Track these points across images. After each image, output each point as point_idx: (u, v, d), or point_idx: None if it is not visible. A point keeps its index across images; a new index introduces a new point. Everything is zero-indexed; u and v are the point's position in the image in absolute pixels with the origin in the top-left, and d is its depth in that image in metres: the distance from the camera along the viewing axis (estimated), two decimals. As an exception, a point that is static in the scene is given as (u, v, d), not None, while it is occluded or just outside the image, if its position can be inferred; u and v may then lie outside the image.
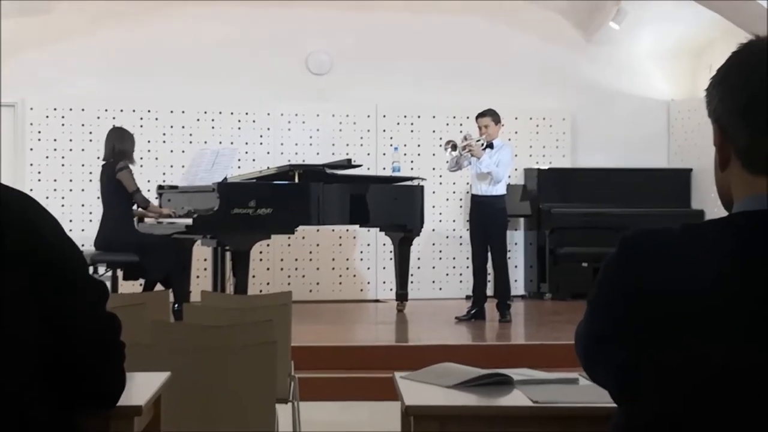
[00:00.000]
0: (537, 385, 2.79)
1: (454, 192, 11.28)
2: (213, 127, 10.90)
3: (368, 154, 11.03)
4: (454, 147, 8.74)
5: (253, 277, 9.52)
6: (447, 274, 11.25)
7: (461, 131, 9.80)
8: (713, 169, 1.73)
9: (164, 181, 10.05)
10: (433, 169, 11.01)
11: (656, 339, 1.55)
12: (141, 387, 2.60)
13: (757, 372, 1.49)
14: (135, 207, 8.65)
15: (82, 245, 7.83)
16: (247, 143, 10.93)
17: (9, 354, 1.92)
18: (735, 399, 1.50)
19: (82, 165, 10.55)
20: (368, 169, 10.51)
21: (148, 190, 9.88)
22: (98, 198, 8.87)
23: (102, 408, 2.21)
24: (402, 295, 9.61)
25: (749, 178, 1.63)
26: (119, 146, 8.56)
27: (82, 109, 10.63)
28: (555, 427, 2.57)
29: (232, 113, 10.95)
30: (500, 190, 8.77)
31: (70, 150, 10.61)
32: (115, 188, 8.47)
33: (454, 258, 11.23)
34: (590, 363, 1.72)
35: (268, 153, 10.97)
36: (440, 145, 10.17)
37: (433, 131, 11.20)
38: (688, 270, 1.56)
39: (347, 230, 10.92)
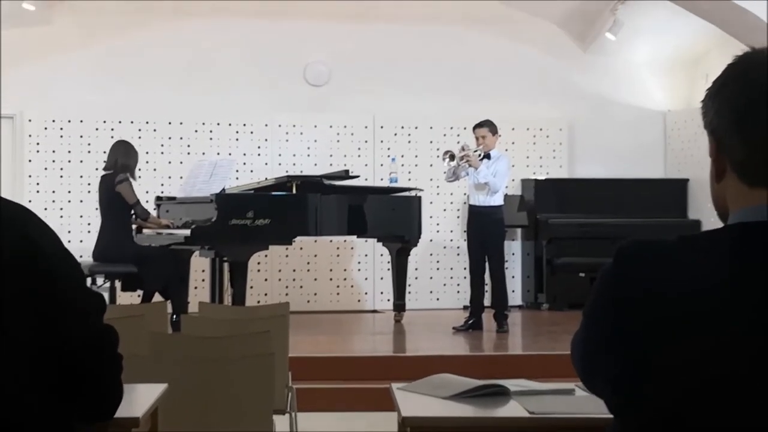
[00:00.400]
0: (533, 396, 2.80)
1: (451, 202, 11.29)
2: (211, 138, 10.91)
3: (366, 165, 11.04)
4: (452, 157, 8.75)
5: (251, 288, 9.52)
6: (444, 285, 11.25)
7: (458, 142, 9.81)
8: (709, 177, 1.74)
9: (162, 192, 10.06)
10: (431, 179, 11.01)
11: (652, 346, 1.55)
12: (138, 398, 2.61)
13: (754, 380, 1.50)
14: (134, 218, 8.66)
15: (81, 256, 7.84)
16: (245, 154, 10.94)
17: (6, 365, 1.93)
18: (732, 406, 1.51)
19: (81, 176, 10.55)
20: (366, 179, 10.52)
21: (147, 201, 9.88)
22: (96, 209, 8.87)
23: (99, 419, 2.21)
24: (399, 306, 9.61)
25: (745, 190, 1.63)
26: (123, 160, 8.57)
27: (81, 121, 10.64)
28: (551, 437, 2.57)
29: (230, 124, 10.96)
30: (498, 200, 8.79)
31: (69, 161, 10.61)
32: (113, 199, 8.47)
33: (451, 268, 11.23)
34: (587, 373, 1.73)
35: (266, 164, 10.98)
36: (438, 156, 10.18)
37: (431, 142, 11.21)
38: (684, 279, 1.57)
39: (345, 241, 10.93)
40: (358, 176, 9.36)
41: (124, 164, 8.55)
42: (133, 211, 8.57)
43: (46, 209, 10.20)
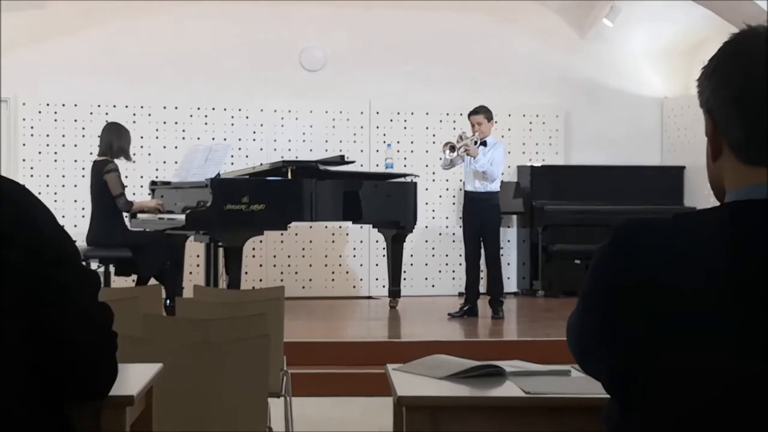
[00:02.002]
0: (529, 376, 2.80)
1: (447, 189, 11.29)
2: (206, 123, 10.89)
3: (361, 151, 11.03)
4: (453, 149, 8.71)
5: (246, 273, 9.52)
6: (440, 271, 11.25)
7: (454, 128, 9.80)
8: (705, 163, 1.73)
9: (157, 177, 10.04)
10: (426, 165, 11.01)
11: (648, 336, 1.54)
12: (133, 378, 2.59)
13: (749, 366, 1.49)
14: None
15: (75, 241, 7.81)
16: (240, 139, 10.92)
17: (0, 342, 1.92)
18: (728, 393, 1.50)
19: (75, 160, 10.54)
20: (361, 165, 10.52)
21: (141, 186, 9.87)
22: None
23: (93, 398, 2.20)
24: (395, 292, 9.62)
25: (742, 169, 1.62)
26: (117, 143, 8.52)
27: (75, 105, 10.62)
28: (547, 417, 2.57)
29: (225, 109, 10.94)
30: (494, 187, 8.77)
31: (63, 145, 10.60)
32: (103, 186, 8.43)
33: (446, 255, 11.23)
34: (582, 356, 1.72)
35: (261, 149, 10.97)
36: (434, 142, 10.19)
37: (426, 128, 11.20)
38: (680, 265, 1.55)
39: (340, 227, 10.92)
40: (353, 162, 9.36)
41: (119, 147, 8.51)
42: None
43: (40, 193, 10.16)
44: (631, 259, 1.60)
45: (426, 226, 11.01)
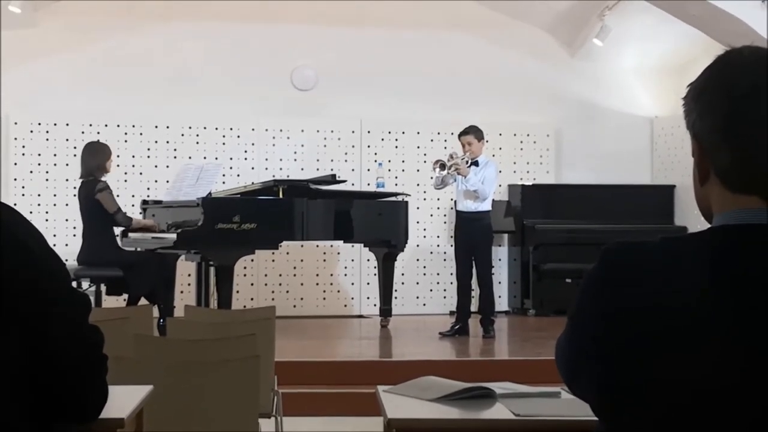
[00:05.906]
0: (519, 398, 2.80)
1: (438, 208, 11.30)
2: (197, 142, 10.89)
3: (353, 170, 11.04)
4: (443, 167, 8.73)
5: (237, 292, 9.50)
6: (431, 290, 11.25)
7: (445, 147, 9.81)
8: (693, 181, 1.73)
9: (148, 196, 10.04)
10: (418, 184, 11.02)
11: (636, 357, 1.55)
12: (123, 400, 2.59)
13: (735, 391, 1.50)
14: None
15: (66, 260, 7.79)
16: (231, 158, 10.93)
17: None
18: (714, 418, 1.50)
19: (66, 180, 10.52)
20: (353, 184, 10.53)
21: (132, 205, 9.86)
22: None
23: (84, 420, 2.20)
24: (386, 311, 9.61)
25: (729, 195, 1.62)
26: (92, 162, 8.52)
27: (67, 124, 10.61)
28: (536, 440, 2.57)
29: (216, 128, 10.95)
30: (486, 206, 8.79)
31: (54, 165, 10.59)
32: (94, 206, 8.42)
33: (438, 274, 11.23)
34: (571, 377, 1.72)
35: (253, 168, 10.97)
36: (425, 161, 10.19)
37: (418, 147, 11.22)
38: (667, 287, 1.55)
39: (331, 246, 10.92)
40: (344, 181, 9.37)
41: (96, 165, 8.49)
42: (114, 220, 8.49)
43: (31, 212, 10.16)
44: (620, 280, 1.60)
45: (417, 245, 11.01)
